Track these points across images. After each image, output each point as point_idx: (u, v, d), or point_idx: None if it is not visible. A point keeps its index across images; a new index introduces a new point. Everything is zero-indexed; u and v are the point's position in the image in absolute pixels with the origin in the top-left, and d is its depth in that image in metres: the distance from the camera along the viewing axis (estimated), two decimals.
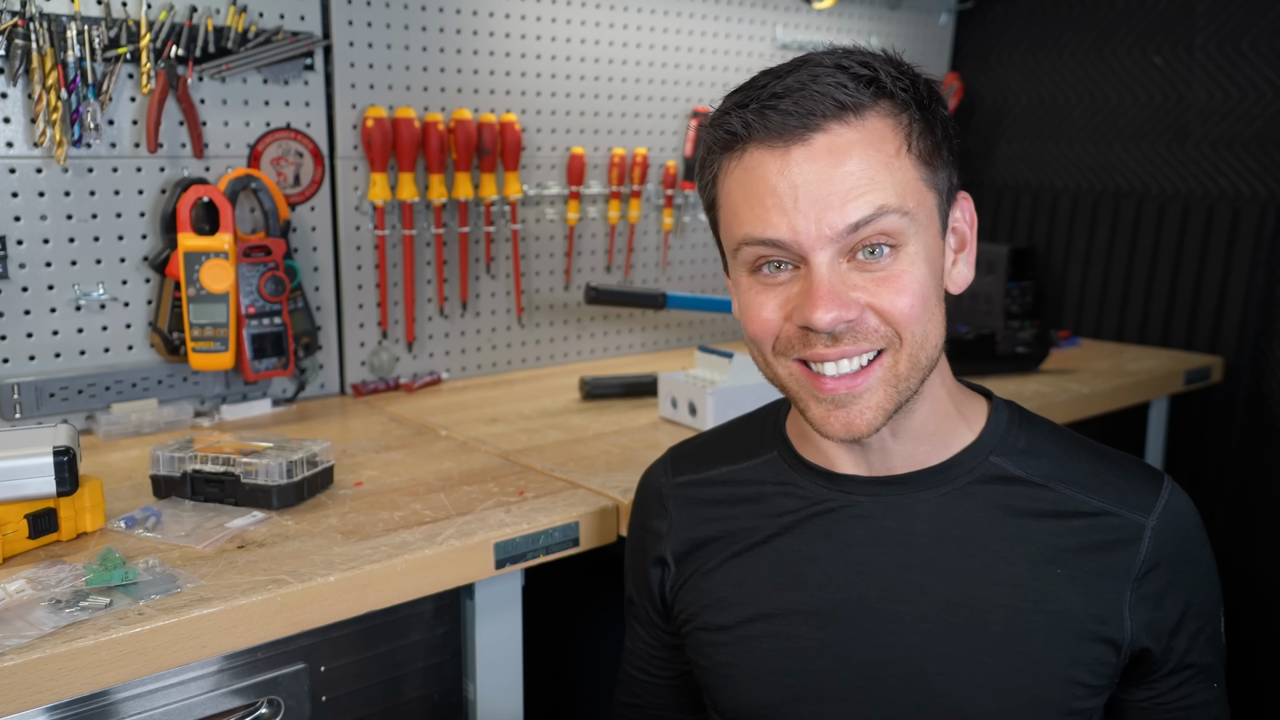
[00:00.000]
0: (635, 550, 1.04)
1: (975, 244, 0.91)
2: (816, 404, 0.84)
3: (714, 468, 1.00)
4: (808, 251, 0.80)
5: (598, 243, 2.08)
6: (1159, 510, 0.85)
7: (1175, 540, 0.85)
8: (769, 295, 0.84)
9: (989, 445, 0.89)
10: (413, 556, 1.06)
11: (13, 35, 1.38)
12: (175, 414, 1.54)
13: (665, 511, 1.00)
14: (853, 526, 0.89)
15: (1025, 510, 0.86)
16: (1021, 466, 0.88)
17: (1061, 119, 2.44)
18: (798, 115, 0.79)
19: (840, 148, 0.79)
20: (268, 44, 1.59)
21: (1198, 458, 2.23)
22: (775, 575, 0.91)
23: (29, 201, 1.45)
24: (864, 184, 0.79)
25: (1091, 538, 0.84)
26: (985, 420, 0.91)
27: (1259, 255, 2.12)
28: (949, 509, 0.87)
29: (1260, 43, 2.09)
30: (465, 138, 1.79)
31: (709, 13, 2.15)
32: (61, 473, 1.02)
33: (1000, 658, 0.83)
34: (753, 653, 0.91)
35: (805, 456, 0.94)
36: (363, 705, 1.11)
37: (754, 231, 0.82)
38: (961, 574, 0.85)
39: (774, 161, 0.80)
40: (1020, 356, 1.96)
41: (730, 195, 0.84)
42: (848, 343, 0.81)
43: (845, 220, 0.79)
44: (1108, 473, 0.88)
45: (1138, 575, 0.83)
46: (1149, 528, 0.84)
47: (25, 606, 0.91)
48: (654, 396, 1.74)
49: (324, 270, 1.74)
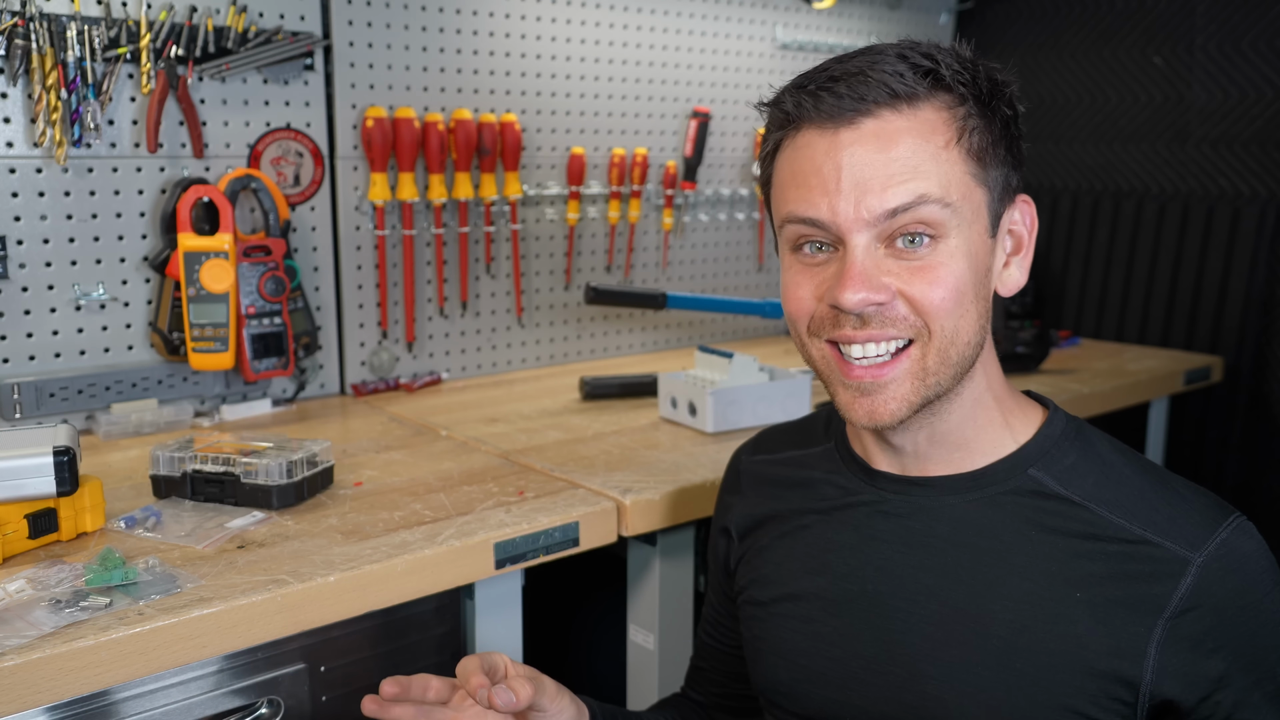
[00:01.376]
0: (715, 519, 1.09)
1: (1033, 249, 0.89)
2: (844, 389, 0.85)
3: (785, 450, 1.04)
4: (845, 233, 0.81)
5: (598, 243, 2.08)
6: (1212, 547, 0.78)
7: (1228, 582, 0.78)
8: (806, 275, 0.85)
9: (1031, 458, 0.86)
10: (413, 556, 1.06)
11: (13, 35, 1.38)
12: (175, 414, 1.54)
13: (738, 485, 1.06)
14: (879, 522, 0.91)
15: (1055, 528, 0.83)
16: (1062, 483, 0.85)
17: (1061, 119, 2.44)
18: (850, 99, 0.80)
19: (888, 134, 0.80)
20: (268, 44, 1.59)
21: (1198, 458, 2.23)
22: (808, 559, 0.94)
23: (29, 201, 1.45)
24: (907, 171, 0.79)
25: (1125, 566, 0.79)
26: (1034, 431, 0.88)
27: (1259, 255, 2.12)
28: (973, 516, 0.86)
29: (1260, 43, 2.09)
30: (465, 138, 1.79)
31: (709, 13, 2.15)
32: (61, 473, 1.02)
33: (997, 672, 0.81)
34: (778, 631, 0.94)
35: (854, 449, 0.96)
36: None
37: (796, 210, 0.83)
38: (973, 583, 0.84)
39: (822, 142, 0.81)
40: (1020, 356, 1.96)
41: (780, 173, 0.86)
42: (875, 327, 0.81)
43: (884, 205, 0.79)
44: (1160, 500, 0.82)
45: (1173, 614, 0.77)
46: (1195, 564, 0.77)
47: (25, 606, 0.91)
48: (654, 396, 1.74)
49: (324, 270, 1.74)
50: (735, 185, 2.27)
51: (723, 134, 2.22)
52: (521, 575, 1.21)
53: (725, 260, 2.29)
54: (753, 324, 2.34)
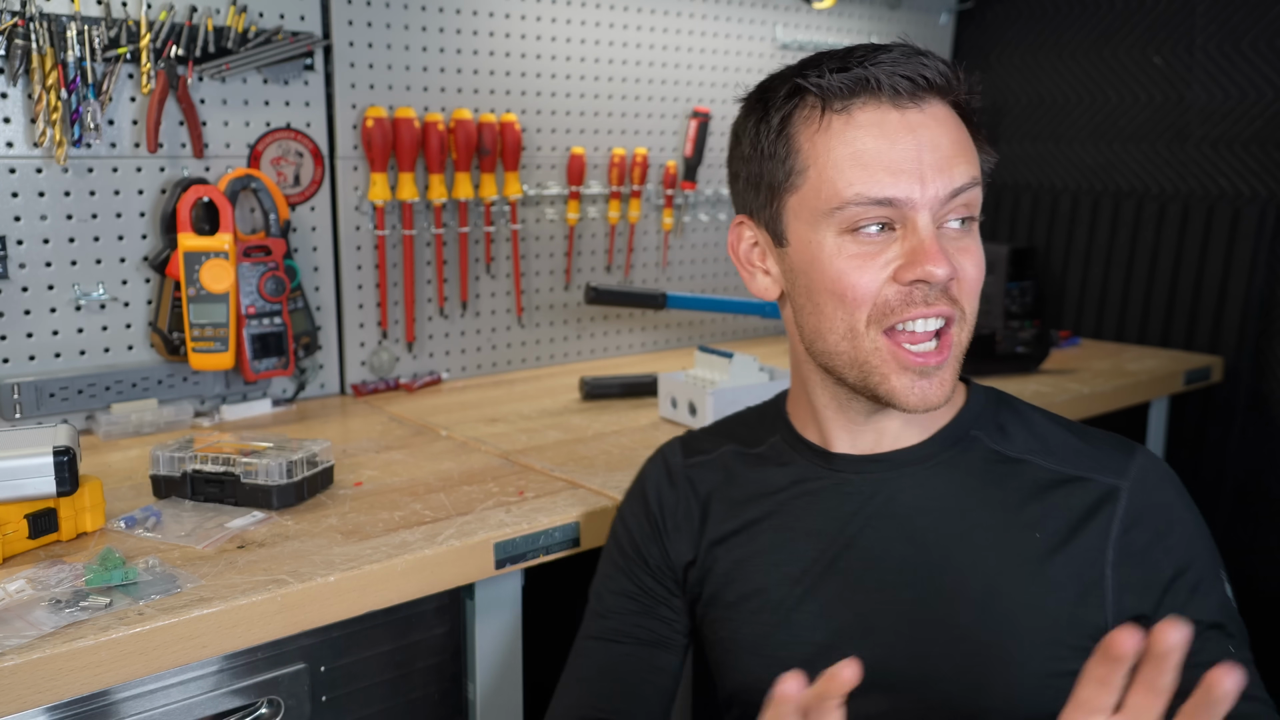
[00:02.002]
0: (639, 527, 1.03)
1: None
2: (900, 375, 0.86)
3: (723, 447, 1.03)
4: (916, 211, 0.82)
5: (598, 243, 2.08)
6: (1134, 471, 0.88)
7: (1153, 498, 0.87)
8: (867, 258, 0.84)
9: (968, 422, 0.93)
10: (413, 556, 1.06)
11: (13, 35, 1.38)
12: (175, 414, 1.54)
13: (675, 489, 1.02)
14: (842, 502, 0.92)
15: (1003, 481, 0.89)
16: (998, 442, 0.92)
17: (1061, 119, 2.44)
18: (913, 81, 0.82)
19: (944, 117, 0.84)
20: (268, 44, 1.59)
21: (1198, 458, 2.23)
22: (771, 551, 0.94)
23: (29, 201, 1.45)
24: (964, 154, 0.84)
25: (1069, 503, 0.87)
26: (964, 400, 0.95)
27: (1259, 255, 2.12)
28: (932, 481, 0.91)
29: (1260, 43, 2.09)
30: (465, 138, 1.79)
31: (709, 13, 2.15)
32: (61, 473, 1.02)
33: (980, 618, 0.86)
34: (750, 628, 0.93)
35: (805, 437, 0.97)
36: (363, 705, 1.11)
37: (867, 190, 0.82)
38: (944, 542, 0.88)
39: (894, 120, 0.82)
40: (1020, 356, 1.96)
41: (832, 153, 0.83)
42: (942, 303, 0.84)
43: (952, 184, 0.83)
44: (1080, 444, 0.91)
45: (1118, 535, 0.85)
46: (1124, 489, 0.87)
47: (25, 606, 0.91)
48: (654, 396, 1.74)
49: (324, 270, 1.74)
50: None
51: (723, 134, 2.22)
52: (521, 575, 1.21)
53: (725, 260, 2.29)
54: (753, 324, 2.34)
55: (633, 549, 1.03)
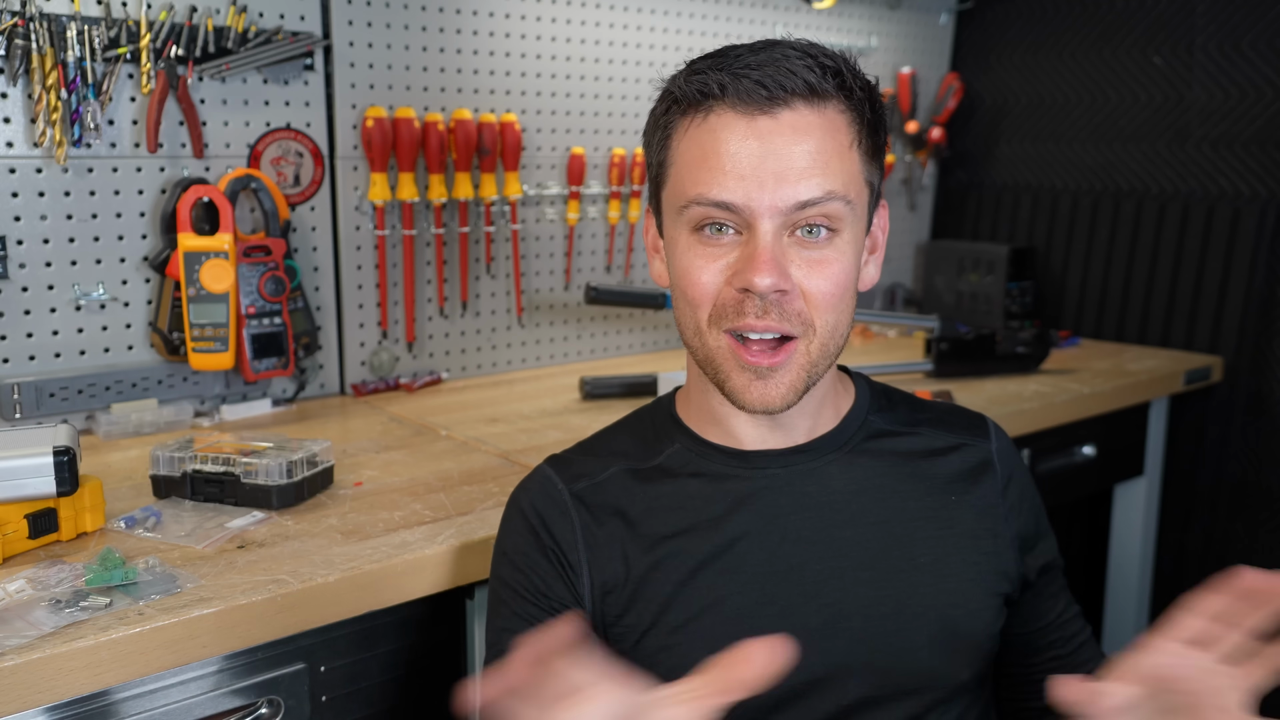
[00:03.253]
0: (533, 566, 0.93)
1: (884, 249, 0.97)
2: (739, 373, 0.87)
3: (610, 468, 0.96)
4: (756, 218, 0.83)
5: (598, 243, 2.08)
6: (992, 435, 1.00)
7: (1012, 458, 0.99)
8: (709, 258, 0.86)
9: (865, 407, 0.98)
10: (413, 556, 1.06)
11: (13, 35, 1.38)
12: (175, 414, 1.54)
13: (568, 518, 0.93)
14: (777, 499, 0.92)
15: (910, 454, 0.96)
16: (891, 421, 0.98)
17: (1061, 119, 2.44)
18: (769, 87, 0.82)
19: (803, 127, 0.83)
20: (268, 44, 1.59)
21: (1198, 458, 2.23)
22: (714, 562, 0.90)
23: (29, 201, 1.45)
24: (818, 166, 0.83)
25: (962, 466, 0.96)
26: (854, 389, 1.00)
27: (1259, 255, 2.12)
28: (855, 464, 0.94)
29: (1260, 43, 2.09)
30: (465, 138, 1.79)
31: (709, 13, 2.15)
32: (61, 473, 1.02)
33: (935, 585, 0.90)
34: (707, 645, 0.85)
35: (711, 440, 0.95)
36: (363, 705, 1.11)
37: (707, 192, 0.84)
38: (884, 519, 0.92)
39: (740, 126, 0.83)
40: (1020, 356, 1.96)
41: (686, 153, 0.86)
42: (774, 318, 0.84)
43: (796, 196, 0.82)
44: (946, 414, 1.01)
45: (1001, 491, 0.96)
46: (992, 449, 0.98)
47: (25, 606, 0.91)
48: (654, 396, 1.74)
49: (324, 270, 1.74)
50: None
51: None
52: None
53: None
54: None
55: (530, 592, 0.92)
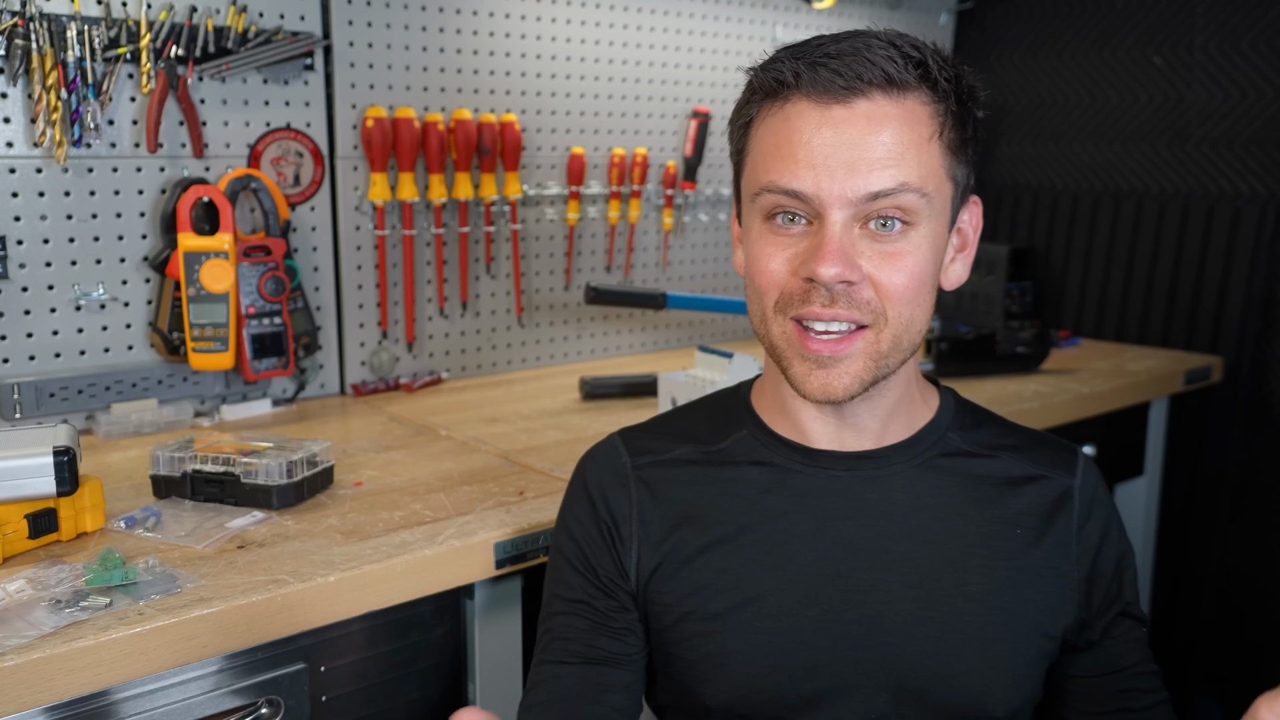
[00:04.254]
0: (585, 535, 0.96)
1: (975, 248, 0.94)
2: (801, 362, 0.86)
3: (678, 448, 0.97)
4: (826, 208, 0.82)
5: (598, 243, 2.08)
6: (1079, 472, 0.94)
7: (1096, 495, 0.94)
8: (779, 247, 0.86)
9: (945, 422, 0.95)
10: (413, 556, 1.06)
11: (13, 35, 1.38)
12: (175, 414, 1.54)
13: (627, 491, 0.95)
14: (835, 501, 0.91)
15: (983, 478, 0.92)
16: (971, 442, 0.95)
17: (1061, 119, 2.44)
18: (846, 77, 0.81)
19: (878, 117, 0.82)
20: (268, 44, 1.59)
21: (1198, 458, 2.23)
22: (762, 556, 0.91)
23: (29, 201, 1.45)
24: (893, 157, 0.81)
25: (1038, 499, 0.92)
26: (939, 403, 0.97)
27: (1259, 255, 2.12)
28: (922, 479, 0.92)
29: (1260, 43, 2.09)
30: (465, 138, 1.79)
31: (709, 13, 2.15)
32: (61, 473, 1.02)
33: (982, 615, 0.88)
34: (746, 637, 0.89)
35: (779, 432, 0.95)
36: (363, 705, 1.11)
37: (779, 180, 0.84)
38: (940, 540, 0.89)
39: (814, 115, 0.83)
40: (1020, 356, 1.96)
41: (762, 141, 0.87)
42: (842, 306, 0.83)
43: (868, 187, 0.81)
44: (1035, 444, 0.96)
45: (1076, 529, 0.92)
46: (1075, 487, 0.93)
47: (25, 606, 0.91)
48: (654, 396, 1.74)
49: (324, 270, 1.74)
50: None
51: (723, 134, 2.22)
52: (522, 575, 1.21)
53: (725, 260, 2.29)
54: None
55: (579, 560, 0.95)
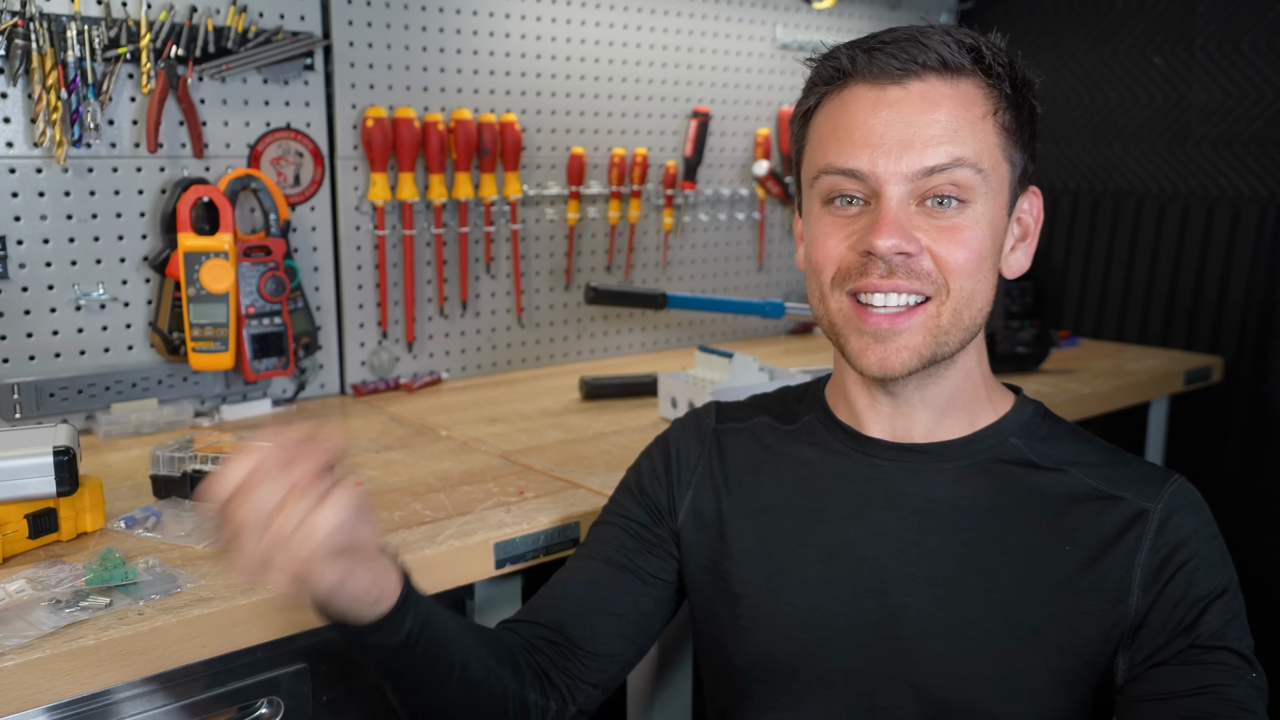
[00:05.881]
0: (652, 470, 1.04)
1: (1037, 238, 0.95)
2: (858, 336, 0.87)
3: (755, 416, 1.04)
4: (882, 184, 0.84)
5: (598, 243, 2.08)
6: (1165, 498, 0.87)
7: (1183, 525, 0.86)
8: (837, 227, 0.88)
9: (1010, 428, 0.93)
10: (413, 556, 1.06)
11: (13, 35, 1.38)
12: (175, 414, 1.54)
13: (702, 445, 1.03)
14: (874, 490, 0.92)
15: (1040, 491, 0.89)
16: (1038, 453, 0.91)
17: (1061, 119, 2.44)
18: (901, 60, 0.85)
19: (933, 97, 0.85)
20: (268, 44, 1.59)
21: (1198, 458, 2.23)
22: (799, 532, 0.93)
23: (29, 201, 1.45)
24: (947, 134, 0.84)
25: (1101, 519, 0.87)
26: (1009, 407, 0.95)
27: (1259, 255, 2.12)
28: (968, 480, 0.91)
29: (1260, 43, 2.09)
30: (465, 138, 1.79)
31: (709, 13, 2.15)
32: (61, 473, 1.02)
33: (1002, 624, 0.86)
34: (771, 607, 0.93)
35: (839, 417, 0.97)
36: (363, 705, 1.11)
37: (836, 161, 0.86)
38: (974, 543, 0.88)
39: (870, 96, 0.85)
40: (1020, 356, 1.96)
41: (820, 128, 0.89)
42: (901, 277, 0.84)
43: (923, 163, 0.83)
44: (1118, 464, 0.91)
45: (1146, 557, 0.85)
46: (1154, 512, 0.86)
47: (25, 606, 0.91)
48: (654, 396, 1.74)
49: (324, 270, 1.74)
50: (735, 185, 2.27)
51: (723, 134, 2.22)
52: (521, 576, 1.21)
53: (725, 260, 2.29)
54: (753, 324, 2.34)
55: (639, 489, 1.04)
